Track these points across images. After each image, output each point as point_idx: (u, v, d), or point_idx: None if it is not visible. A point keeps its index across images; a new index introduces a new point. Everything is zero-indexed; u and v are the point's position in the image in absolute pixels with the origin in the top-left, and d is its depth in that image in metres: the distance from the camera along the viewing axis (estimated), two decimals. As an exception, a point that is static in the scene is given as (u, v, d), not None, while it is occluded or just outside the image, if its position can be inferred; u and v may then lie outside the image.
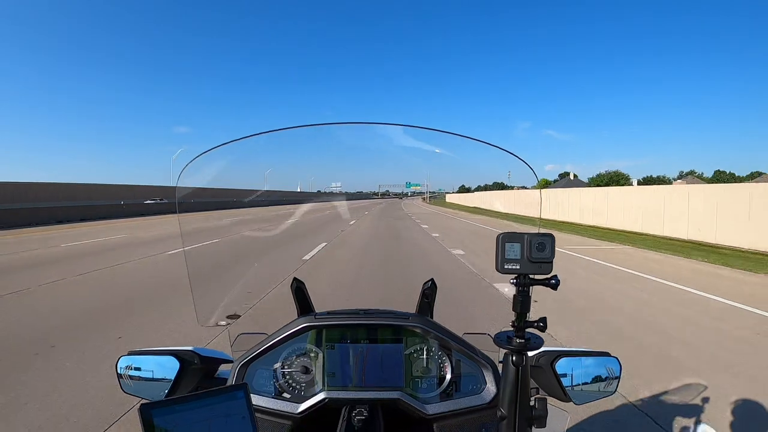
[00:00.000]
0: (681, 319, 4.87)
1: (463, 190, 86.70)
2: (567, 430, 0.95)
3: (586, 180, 79.17)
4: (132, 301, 5.63)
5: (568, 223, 20.91)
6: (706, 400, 2.94)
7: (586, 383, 0.93)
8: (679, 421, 2.65)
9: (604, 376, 0.94)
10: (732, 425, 2.63)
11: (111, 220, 22.66)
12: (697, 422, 2.64)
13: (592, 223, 19.65)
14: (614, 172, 75.22)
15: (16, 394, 2.96)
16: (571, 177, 78.36)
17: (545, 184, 76.19)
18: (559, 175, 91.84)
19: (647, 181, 75.06)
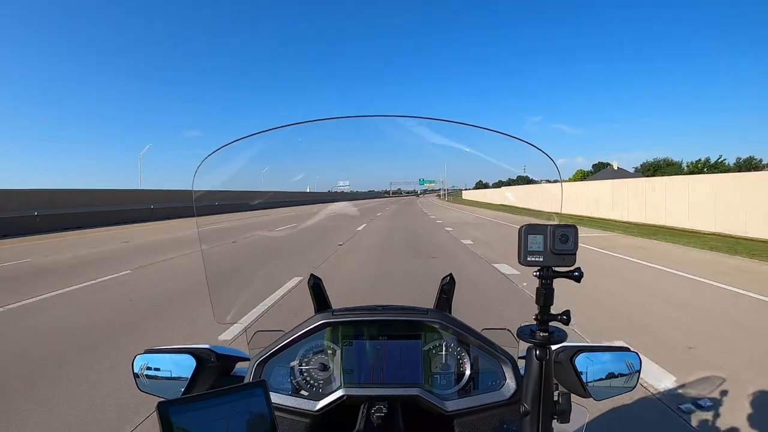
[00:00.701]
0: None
1: (481, 185, 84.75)
2: (586, 424, 0.93)
3: (631, 170, 69.02)
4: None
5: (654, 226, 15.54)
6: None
7: (605, 379, 0.92)
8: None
9: (623, 372, 0.93)
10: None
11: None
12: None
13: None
14: (663, 159, 66.62)
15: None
16: (615, 167, 66.89)
17: (582, 176, 71.63)
18: (594, 166, 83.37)
19: (696, 166, 64.60)
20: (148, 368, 0.97)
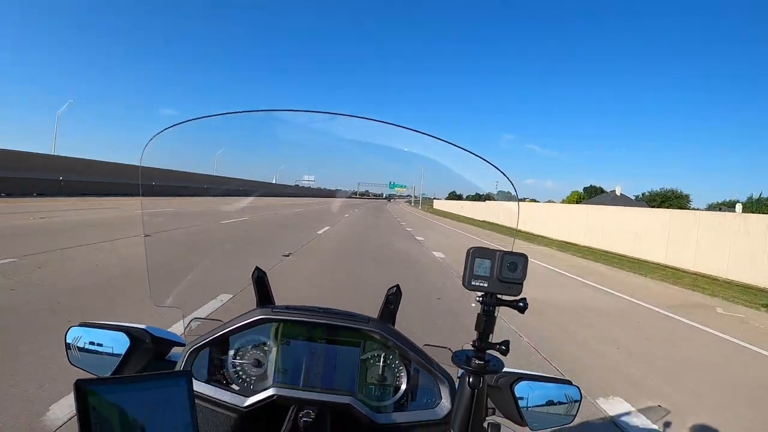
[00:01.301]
0: None
1: (454, 196, 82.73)
2: None
3: (632, 197, 62.40)
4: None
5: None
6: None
7: (544, 408, 0.91)
8: None
9: (563, 404, 0.92)
10: None
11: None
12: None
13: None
14: (670, 190, 60.55)
15: None
16: (618, 192, 60.13)
17: (578, 199, 68.79)
18: (585, 190, 77.11)
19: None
20: (81, 341, 0.93)
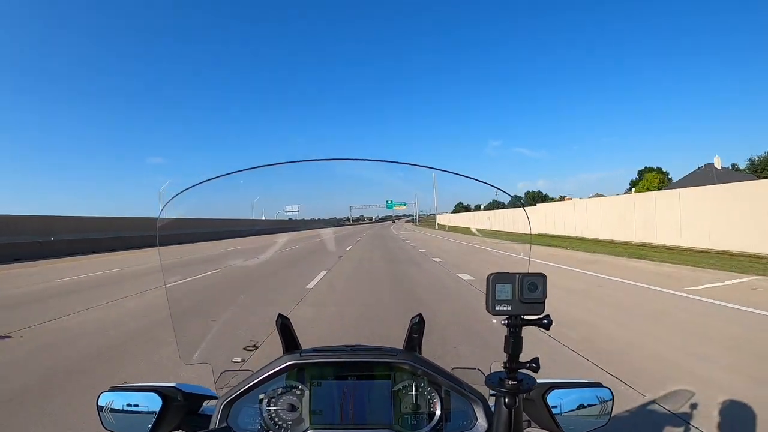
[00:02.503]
0: None
1: (461, 208, 78.63)
2: None
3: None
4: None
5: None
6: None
7: (578, 413, 0.93)
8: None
9: (596, 406, 0.94)
10: None
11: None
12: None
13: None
14: None
15: None
16: (717, 165, 45.19)
17: (659, 184, 54.95)
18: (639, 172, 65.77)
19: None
20: (113, 405, 0.95)
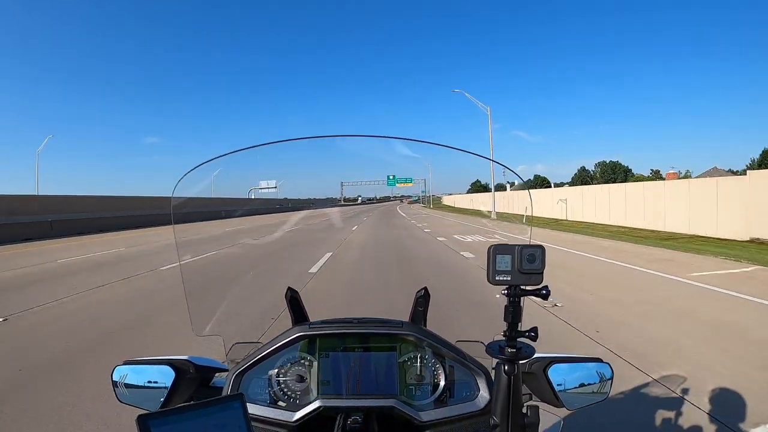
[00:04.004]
0: None
1: (479, 187, 70.39)
2: None
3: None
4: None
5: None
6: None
7: (578, 388, 0.95)
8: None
9: (595, 382, 0.96)
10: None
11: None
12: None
13: None
14: None
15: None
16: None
17: None
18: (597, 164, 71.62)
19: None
20: (127, 379, 0.98)
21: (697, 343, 4.06)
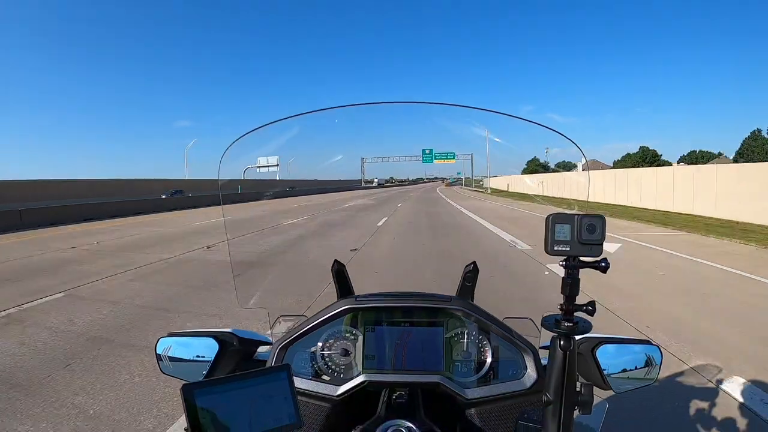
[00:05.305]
0: None
1: (538, 166, 63.18)
2: (606, 416, 0.93)
3: None
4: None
5: None
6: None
7: (625, 371, 0.92)
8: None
9: (644, 365, 0.92)
10: None
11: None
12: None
13: None
14: None
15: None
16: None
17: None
18: (634, 153, 63.12)
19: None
20: (171, 351, 1.00)
21: None
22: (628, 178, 21.83)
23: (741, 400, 2.66)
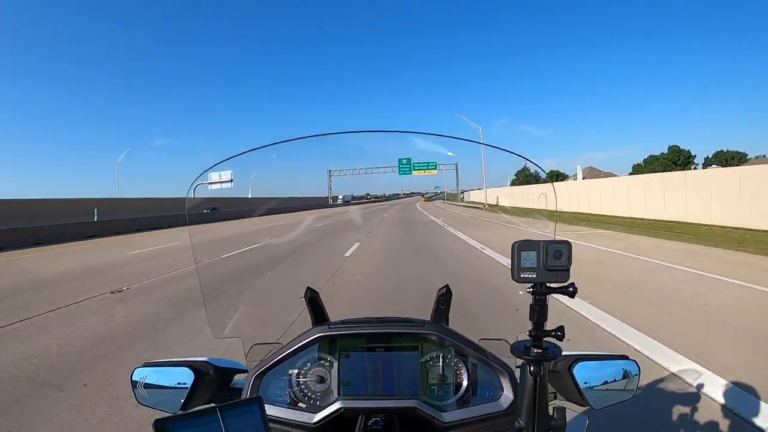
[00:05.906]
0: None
1: (529, 176, 59.97)
2: None
3: None
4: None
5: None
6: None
7: (604, 386, 0.92)
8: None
9: (622, 380, 0.93)
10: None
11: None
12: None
13: None
14: None
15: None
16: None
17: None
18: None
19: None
20: (147, 381, 0.97)
21: None
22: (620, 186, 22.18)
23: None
